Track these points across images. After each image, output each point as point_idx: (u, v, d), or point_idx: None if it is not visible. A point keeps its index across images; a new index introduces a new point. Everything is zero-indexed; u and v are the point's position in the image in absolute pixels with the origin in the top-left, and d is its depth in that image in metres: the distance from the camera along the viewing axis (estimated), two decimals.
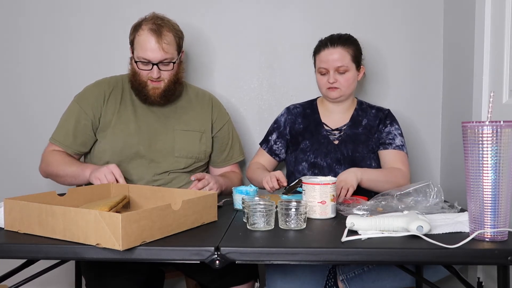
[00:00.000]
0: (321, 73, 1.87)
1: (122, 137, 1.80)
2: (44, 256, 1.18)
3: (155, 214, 1.15)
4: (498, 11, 1.78)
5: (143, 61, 1.74)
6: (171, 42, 1.75)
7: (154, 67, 1.73)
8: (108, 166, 1.62)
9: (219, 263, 1.09)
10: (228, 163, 1.98)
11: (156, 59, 1.73)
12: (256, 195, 1.51)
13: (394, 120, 1.94)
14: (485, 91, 1.86)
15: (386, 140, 1.88)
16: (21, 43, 2.31)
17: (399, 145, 1.87)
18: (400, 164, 1.84)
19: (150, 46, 1.72)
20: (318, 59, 1.88)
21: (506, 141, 1.07)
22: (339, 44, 1.84)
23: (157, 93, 1.78)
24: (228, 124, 1.99)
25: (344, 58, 1.83)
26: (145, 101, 1.81)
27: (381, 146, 1.88)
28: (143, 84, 1.77)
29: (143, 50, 1.73)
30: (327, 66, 1.84)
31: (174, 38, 1.77)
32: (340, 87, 1.85)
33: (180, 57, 1.83)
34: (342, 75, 1.84)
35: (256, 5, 2.29)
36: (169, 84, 1.78)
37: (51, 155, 1.81)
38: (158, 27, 1.73)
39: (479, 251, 1.09)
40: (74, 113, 1.82)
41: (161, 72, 1.75)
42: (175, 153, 1.83)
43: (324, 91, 1.89)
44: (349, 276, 1.66)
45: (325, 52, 1.85)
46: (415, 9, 2.27)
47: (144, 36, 1.73)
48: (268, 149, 1.98)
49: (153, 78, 1.74)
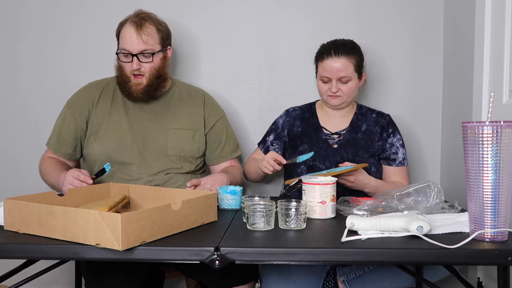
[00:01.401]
0: (323, 81, 1.86)
1: (115, 138, 1.80)
2: (44, 256, 1.18)
3: (155, 214, 1.15)
4: (498, 12, 1.78)
5: (124, 52, 1.76)
6: (151, 34, 1.77)
7: (134, 58, 1.75)
8: (67, 175, 1.59)
9: (218, 263, 1.09)
10: (223, 159, 1.96)
11: (136, 49, 1.74)
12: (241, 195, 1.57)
13: (396, 128, 1.94)
14: (485, 91, 1.86)
15: (390, 154, 1.91)
16: (21, 43, 2.31)
17: (401, 161, 1.91)
18: (402, 179, 1.90)
19: (129, 37, 1.74)
20: (321, 67, 1.86)
21: (506, 141, 1.07)
22: (343, 53, 1.81)
23: (139, 89, 1.78)
24: (222, 120, 1.97)
25: (347, 68, 1.82)
26: (128, 96, 1.82)
27: (384, 161, 1.91)
28: (126, 79, 1.78)
29: (123, 41, 1.76)
30: (330, 76, 1.83)
31: (156, 31, 1.78)
32: (341, 95, 1.85)
33: (165, 52, 1.83)
34: (344, 84, 1.84)
35: (256, 5, 2.29)
36: (151, 78, 1.78)
37: (43, 163, 1.85)
38: (140, 19, 1.76)
39: (479, 251, 1.09)
40: (63, 118, 1.86)
41: (142, 64, 1.76)
42: (168, 151, 1.82)
43: (325, 98, 1.89)
44: (349, 277, 1.66)
45: (329, 61, 1.82)
46: (415, 9, 2.27)
47: (125, 28, 1.76)
48: (264, 149, 1.98)
49: (133, 70, 1.75)
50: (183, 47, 2.26)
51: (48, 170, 1.79)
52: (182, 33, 2.23)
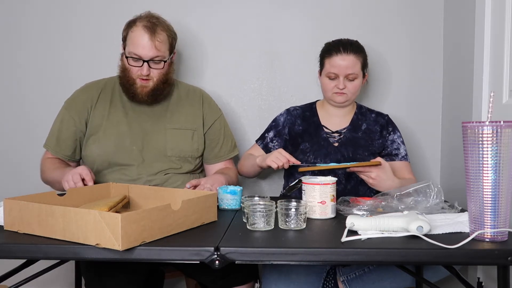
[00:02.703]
0: (329, 78, 1.87)
1: (114, 139, 1.80)
2: (44, 256, 1.18)
3: (155, 214, 1.15)
4: (498, 12, 1.78)
5: (134, 57, 1.74)
6: (164, 41, 1.76)
7: (144, 64, 1.73)
8: (77, 168, 1.60)
9: (218, 263, 1.09)
10: (220, 159, 1.95)
11: (148, 56, 1.73)
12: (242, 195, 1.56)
13: (395, 127, 1.96)
14: (485, 91, 1.86)
15: (392, 150, 1.92)
16: (21, 43, 2.31)
17: (404, 155, 1.92)
18: (408, 174, 1.90)
19: (142, 43, 1.72)
20: (329, 63, 1.86)
21: (506, 141, 1.07)
22: (351, 51, 1.84)
23: (145, 92, 1.77)
24: (219, 120, 1.96)
25: (355, 66, 1.84)
26: (132, 98, 1.80)
27: (387, 157, 1.90)
28: (131, 81, 1.77)
29: (135, 46, 1.73)
30: (338, 72, 1.84)
31: (167, 38, 1.77)
32: (347, 93, 1.87)
33: (171, 57, 1.83)
34: (351, 82, 1.86)
35: (256, 5, 2.29)
36: (158, 83, 1.78)
37: (45, 163, 1.84)
38: (152, 25, 1.73)
39: (479, 251, 1.09)
40: (61, 119, 1.84)
41: (151, 70, 1.75)
42: (167, 152, 1.82)
43: (330, 95, 1.89)
44: (349, 277, 1.66)
45: (338, 57, 1.84)
46: (415, 9, 2.27)
47: (137, 32, 1.73)
48: (263, 146, 1.98)
49: (143, 75, 1.74)
50: (183, 47, 2.26)
51: (51, 168, 1.78)
52: (182, 33, 2.22)
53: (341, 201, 1.49)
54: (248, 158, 1.95)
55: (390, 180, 1.66)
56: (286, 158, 1.71)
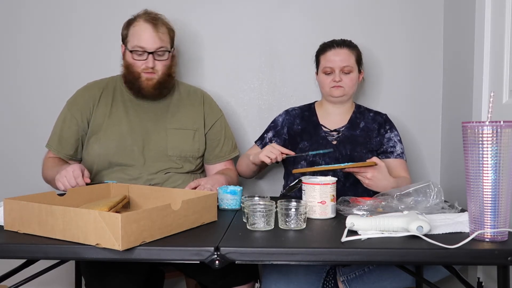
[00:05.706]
0: (326, 73, 1.90)
1: (115, 139, 1.80)
2: (44, 256, 1.18)
3: (155, 214, 1.15)
4: (498, 12, 1.78)
5: (139, 50, 1.74)
6: (165, 33, 1.79)
7: (149, 56, 1.74)
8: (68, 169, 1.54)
9: (218, 263, 1.09)
10: (220, 160, 1.96)
11: (152, 47, 1.74)
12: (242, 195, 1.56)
13: (392, 125, 1.97)
14: (485, 91, 1.86)
15: (388, 148, 1.92)
16: (21, 43, 2.31)
17: (400, 153, 1.92)
18: (404, 172, 1.90)
19: (146, 35, 1.74)
20: (323, 59, 1.92)
21: (506, 141, 1.07)
22: (344, 46, 1.91)
23: (151, 84, 1.78)
24: (220, 120, 1.97)
25: (349, 59, 1.89)
26: (138, 93, 1.81)
27: (383, 154, 1.91)
28: (136, 75, 1.77)
29: (139, 39, 1.74)
30: (333, 65, 1.88)
31: (168, 31, 1.81)
32: (344, 86, 1.89)
33: (172, 51, 1.83)
34: (347, 75, 1.89)
35: (256, 5, 2.29)
36: (162, 76, 1.79)
37: (46, 162, 1.84)
38: (153, 18, 1.77)
39: (479, 251, 1.09)
40: (64, 119, 1.84)
41: (156, 62, 1.76)
42: (168, 152, 1.82)
43: (328, 90, 1.91)
44: (349, 277, 1.66)
45: (332, 52, 1.90)
46: (415, 9, 2.27)
47: (140, 26, 1.76)
48: (262, 146, 1.98)
49: (148, 67, 1.75)
50: (183, 47, 2.26)
51: (51, 166, 1.78)
52: (182, 33, 2.23)
53: (341, 201, 1.49)
54: (244, 157, 1.97)
55: (386, 180, 1.66)
56: (278, 150, 1.72)
